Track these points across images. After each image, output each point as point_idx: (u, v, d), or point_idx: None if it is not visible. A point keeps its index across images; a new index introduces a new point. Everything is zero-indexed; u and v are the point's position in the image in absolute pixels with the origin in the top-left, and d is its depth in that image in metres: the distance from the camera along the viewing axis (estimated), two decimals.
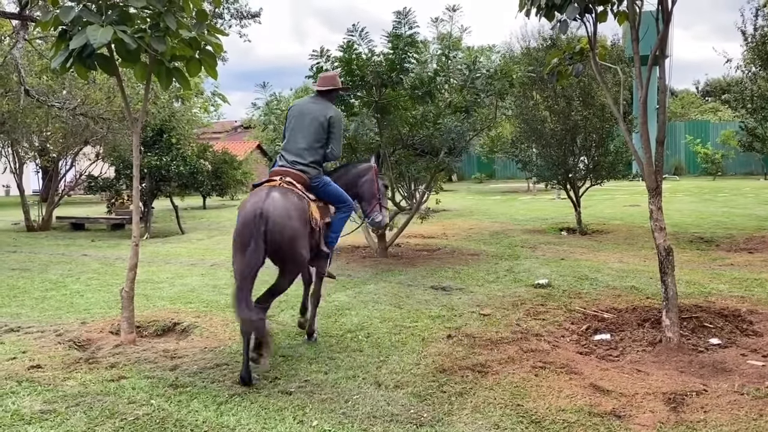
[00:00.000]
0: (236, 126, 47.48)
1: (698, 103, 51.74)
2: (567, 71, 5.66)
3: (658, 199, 4.76)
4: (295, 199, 4.53)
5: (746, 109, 10.36)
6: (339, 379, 4.24)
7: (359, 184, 5.42)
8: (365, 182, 5.43)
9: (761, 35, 9.70)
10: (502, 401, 3.76)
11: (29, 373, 4.42)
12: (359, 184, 5.42)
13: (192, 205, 23.17)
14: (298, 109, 5.10)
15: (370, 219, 5.50)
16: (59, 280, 8.22)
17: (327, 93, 5.21)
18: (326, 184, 5.05)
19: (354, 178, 5.44)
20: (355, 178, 5.44)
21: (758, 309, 5.66)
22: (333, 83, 5.21)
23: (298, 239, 4.42)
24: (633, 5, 4.71)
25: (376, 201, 5.47)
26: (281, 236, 4.28)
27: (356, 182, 5.42)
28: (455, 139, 9.44)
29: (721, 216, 13.82)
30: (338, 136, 5.07)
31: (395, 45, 8.10)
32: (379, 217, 5.50)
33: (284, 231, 4.30)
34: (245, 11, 20.34)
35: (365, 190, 5.43)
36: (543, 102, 11.82)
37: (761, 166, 29.10)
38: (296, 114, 5.07)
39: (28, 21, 11.76)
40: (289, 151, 4.95)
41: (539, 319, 5.63)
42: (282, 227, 4.29)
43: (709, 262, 8.31)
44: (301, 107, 5.10)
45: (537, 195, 23.57)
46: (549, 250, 9.75)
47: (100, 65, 4.66)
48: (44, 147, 17.27)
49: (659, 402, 3.65)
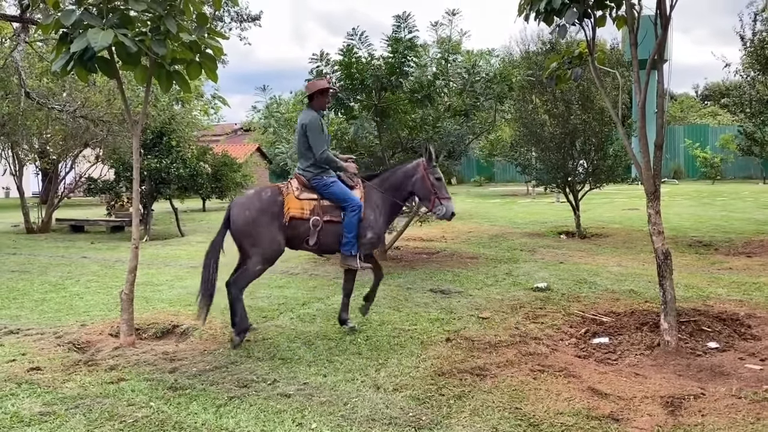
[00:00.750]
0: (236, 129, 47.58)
1: (697, 107, 51.82)
2: (566, 75, 5.68)
3: (657, 203, 4.77)
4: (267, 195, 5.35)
5: (745, 114, 10.39)
6: (338, 381, 4.25)
7: (410, 183, 5.63)
8: (416, 181, 5.61)
9: (760, 40, 9.73)
10: (501, 404, 3.77)
11: (29, 375, 4.43)
12: (410, 183, 5.63)
13: (192, 208, 23.20)
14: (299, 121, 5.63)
15: (435, 214, 5.68)
16: (59, 283, 8.22)
17: (310, 100, 5.61)
18: (328, 185, 5.40)
19: (402, 179, 5.65)
20: (403, 179, 5.65)
21: (756, 313, 5.67)
22: (309, 89, 5.60)
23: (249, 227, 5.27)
24: (631, 10, 4.73)
25: (434, 196, 5.59)
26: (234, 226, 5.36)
27: (406, 183, 5.64)
28: (454, 143, 9.47)
29: (719, 220, 13.84)
30: (315, 139, 5.39)
31: (395, 49, 8.12)
32: (443, 210, 5.59)
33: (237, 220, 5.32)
34: (245, 14, 20.37)
35: (418, 188, 5.62)
36: (542, 106, 11.84)
37: (760, 170, 29.15)
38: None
39: (29, 24, 11.80)
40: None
41: (538, 323, 5.64)
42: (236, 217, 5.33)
43: (707, 266, 8.33)
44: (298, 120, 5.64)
45: (536, 198, 23.59)
46: (548, 254, 9.77)
47: (101, 68, 4.68)
48: (44, 149, 17.29)
49: (657, 405, 3.65)
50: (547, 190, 13.20)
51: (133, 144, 5.28)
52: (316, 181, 5.42)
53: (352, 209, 5.38)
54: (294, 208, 5.32)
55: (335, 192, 5.41)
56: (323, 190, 5.42)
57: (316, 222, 5.34)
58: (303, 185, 5.45)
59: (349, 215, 5.37)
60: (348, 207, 5.38)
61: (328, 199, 5.41)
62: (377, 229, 5.61)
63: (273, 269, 6.14)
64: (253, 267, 5.30)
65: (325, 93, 5.61)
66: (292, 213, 5.31)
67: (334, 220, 5.39)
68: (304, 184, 5.45)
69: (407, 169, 5.70)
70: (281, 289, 7.43)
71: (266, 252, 5.29)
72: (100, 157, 16.43)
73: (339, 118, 9.34)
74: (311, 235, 5.36)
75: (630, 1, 4.70)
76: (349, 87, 8.29)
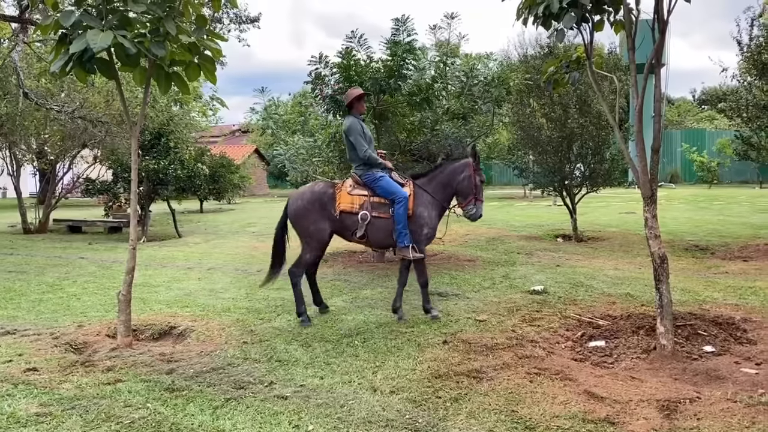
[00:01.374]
0: (234, 130, 47.55)
1: (694, 112, 51.96)
2: (564, 79, 5.69)
3: (653, 206, 4.79)
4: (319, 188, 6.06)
5: (742, 118, 10.41)
6: (335, 383, 4.25)
7: (458, 180, 6.10)
8: (464, 179, 6.09)
9: (756, 45, 9.76)
10: (497, 407, 3.77)
11: (25, 375, 4.43)
12: (458, 180, 6.10)
13: (189, 209, 23.18)
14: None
15: (465, 212, 6.17)
16: (56, 283, 8.22)
17: (350, 108, 6.25)
18: (377, 179, 5.99)
19: (452, 175, 6.12)
20: (452, 175, 6.12)
21: (752, 317, 5.69)
22: (347, 98, 6.24)
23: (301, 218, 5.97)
24: (629, 14, 4.75)
25: (473, 196, 6.10)
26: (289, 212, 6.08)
27: (454, 179, 6.11)
28: (452, 146, 9.48)
29: (716, 224, 13.87)
30: (356, 141, 6.00)
31: (393, 51, 8.14)
32: (473, 210, 6.13)
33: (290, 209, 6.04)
34: (244, 16, 20.37)
35: (464, 186, 6.10)
36: (540, 109, 11.86)
37: (756, 174, 29.21)
38: None
39: (28, 24, 11.79)
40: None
41: (534, 326, 5.65)
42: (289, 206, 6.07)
43: (703, 270, 8.35)
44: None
45: (533, 202, 23.62)
46: (545, 257, 9.78)
47: (100, 69, 4.67)
48: (42, 150, 17.26)
49: (653, 409, 3.67)
50: (544, 194, 13.21)
51: (132, 145, 5.29)
52: (366, 177, 6.01)
53: (398, 201, 5.87)
54: (344, 202, 5.93)
55: (383, 185, 5.95)
56: (373, 183, 5.98)
57: (365, 216, 5.90)
58: (356, 182, 6.08)
59: (396, 207, 5.87)
60: (395, 199, 5.88)
61: (378, 193, 5.95)
62: (432, 224, 6.09)
63: None
64: (304, 255, 6.02)
65: (361, 99, 6.24)
66: (343, 207, 5.92)
67: (383, 216, 5.92)
68: (357, 182, 6.08)
69: (456, 167, 6.15)
70: (279, 291, 7.43)
71: (313, 240, 5.96)
72: (98, 158, 16.42)
73: (338, 120, 9.35)
74: (359, 228, 5.91)
75: (628, 5, 4.72)
76: (347, 89, 8.30)
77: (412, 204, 5.97)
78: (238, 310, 6.49)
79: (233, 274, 8.88)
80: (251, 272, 8.94)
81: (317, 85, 8.47)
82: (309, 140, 10.22)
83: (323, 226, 5.95)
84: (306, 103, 12.46)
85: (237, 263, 9.95)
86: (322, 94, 8.54)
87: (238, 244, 12.83)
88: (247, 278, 8.46)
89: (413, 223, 5.95)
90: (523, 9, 4.77)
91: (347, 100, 6.21)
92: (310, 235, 5.98)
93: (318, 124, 10.90)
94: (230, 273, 8.97)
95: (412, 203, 5.97)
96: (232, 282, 8.19)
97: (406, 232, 5.86)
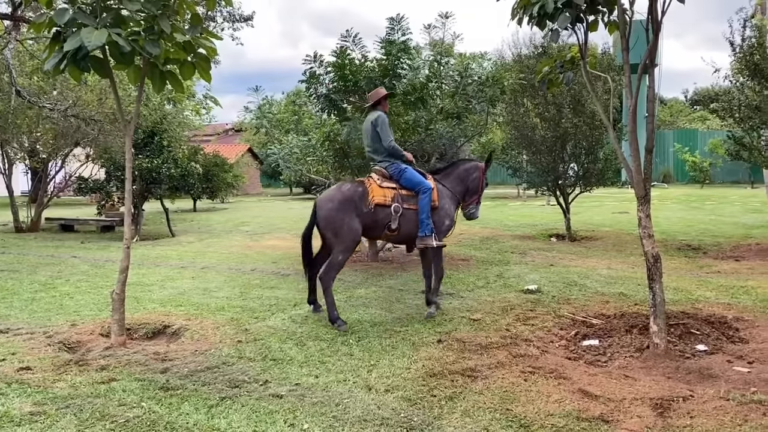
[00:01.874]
0: (228, 129, 47.42)
1: (687, 112, 52.22)
2: (558, 79, 5.71)
3: (647, 206, 4.81)
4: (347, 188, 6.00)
5: (734, 119, 10.44)
6: (330, 382, 4.26)
7: (469, 179, 6.49)
8: (474, 179, 6.50)
9: (749, 46, 9.80)
10: (492, 405, 3.79)
11: (19, 374, 4.41)
12: (469, 179, 6.49)
13: (182, 208, 23.10)
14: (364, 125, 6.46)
15: (465, 210, 6.57)
16: (48, 282, 8.18)
17: (375, 106, 6.42)
18: (403, 170, 6.18)
19: (466, 173, 6.51)
20: (467, 173, 6.51)
21: (744, 316, 5.73)
22: (373, 97, 6.45)
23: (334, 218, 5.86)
24: (623, 15, 4.77)
25: (477, 198, 6.55)
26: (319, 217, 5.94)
27: (467, 177, 6.50)
28: (446, 145, 9.50)
29: (708, 224, 13.96)
30: (384, 131, 6.18)
31: (388, 51, 8.15)
32: (474, 210, 6.59)
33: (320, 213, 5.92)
34: (238, 14, 20.32)
35: (474, 186, 6.50)
36: (534, 109, 11.89)
37: (748, 174, 29.37)
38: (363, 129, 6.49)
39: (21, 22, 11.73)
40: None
41: (528, 325, 5.67)
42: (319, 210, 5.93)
43: (696, 270, 8.40)
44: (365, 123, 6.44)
45: (527, 201, 23.69)
46: (538, 256, 9.81)
47: (94, 67, 4.65)
48: (34, 148, 17.15)
49: (646, 407, 3.69)
50: (538, 193, 13.26)
51: (126, 143, 5.26)
52: (392, 168, 6.17)
53: (424, 191, 6.07)
54: (378, 195, 5.96)
55: (408, 176, 6.13)
56: (399, 175, 6.14)
57: (397, 208, 5.99)
58: (383, 176, 6.17)
59: (421, 197, 6.06)
60: (421, 190, 6.07)
61: (403, 185, 6.11)
62: (452, 216, 6.36)
63: (264, 270, 6.15)
64: (336, 257, 5.92)
65: (386, 98, 6.51)
66: (377, 200, 5.94)
67: (412, 207, 6.07)
68: (383, 175, 6.17)
69: (469, 167, 6.56)
70: (273, 290, 7.42)
71: (348, 241, 5.90)
72: (91, 157, 16.34)
73: (332, 119, 9.35)
74: (392, 220, 5.99)
75: (622, 6, 4.74)
76: (342, 89, 8.31)
77: (436, 196, 6.18)
78: (232, 309, 6.48)
79: (227, 273, 8.87)
80: (245, 271, 8.93)
81: (312, 84, 8.46)
82: (303, 139, 10.22)
83: (356, 225, 5.90)
84: (300, 102, 12.46)
85: (231, 262, 9.93)
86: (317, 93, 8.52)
87: (231, 243, 12.81)
88: (240, 277, 8.45)
89: (437, 215, 6.15)
90: (518, 9, 4.78)
91: (375, 99, 6.40)
92: (344, 237, 5.88)
93: (312, 123, 10.89)
94: (224, 272, 8.95)
95: (436, 196, 6.18)
96: (226, 281, 8.18)
97: (428, 222, 6.04)
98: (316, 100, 8.75)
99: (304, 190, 34.08)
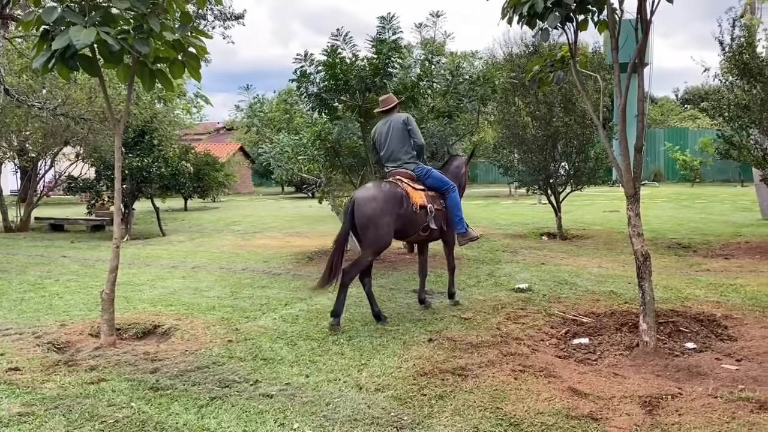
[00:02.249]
0: (219, 128, 47.23)
1: (677, 111, 52.45)
2: (548, 78, 5.72)
3: (636, 205, 4.83)
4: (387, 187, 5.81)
5: (723, 118, 10.49)
6: (320, 382, 4.25)
7: (461, 175, 6.78)
8: (463, 175, 6.79)
9: (738, 45, 9.85)
10: (482, 404, 3.79)
11: (7, 375, 4.38)
12: (461, 175, 6.78)
13: (173, 207, 23.01)
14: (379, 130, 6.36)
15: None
16: (38, 282, 8.13)
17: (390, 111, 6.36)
18: (428, 171, 6.23)
19: (456, 170, 6.78)
20: (457, 170, 6.79)
21: (733, 314, 5.76)
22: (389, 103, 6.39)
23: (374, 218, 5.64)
24: (613, 14, 4.79)
25: (462, 189, 6.79)
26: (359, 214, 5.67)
27: (458, 173, 6.77)
28: (438, 144, 9.50)
29: (698, 222, 14.03)
30: (415, 130, 6.20)
31: (379, 50, 8.14)
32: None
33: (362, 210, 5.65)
34: (229, 13, 20.26)
35: (462, 182, 6.75)
36: (525, 108, 11.91)
37: (738, 173, 29.55)
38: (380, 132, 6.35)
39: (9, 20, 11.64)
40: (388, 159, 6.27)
41: (519, 323, 5.69)
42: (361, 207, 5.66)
43: (686, 268, 8.44)
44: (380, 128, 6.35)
45: (518, 200, 23.74)
46: (530, 255, 9.84)
47: (83, 66, 4.62)
48: (23, 147, 17.04)
49: (635, 405, 3.70)
50: (529, 192, 13.29)
51: (115, 142, 5.24)
52: (419, 170, 6.15)
53: (453, 190, 6.21)
54: (416, 198, 5.93)
55: (435, 177, 6.19)
56: (426, 176, 6.15)
57: (431, 209, 6.02)
58: (410, 178, 6.06)
59: (451, 195, 6.19)
60: (449, 189, 6.19)
61: (429, 186, 6.14)
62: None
63: (255, 269, 6.15)
64: (365, 256, 5.77)
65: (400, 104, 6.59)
66: (419, 202, 5.92)
67: (440, 208, 6.15)
68: (411, 177, 6.07)
69: (459, 162, 6.88)
70: (264, 290, 7.41)
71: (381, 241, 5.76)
72: (81, 156, 16.25)
73: (323, 118, 9.33)
74: (429, 220, 5.99)
75: (611, 5, 4.76)
76: (333, 87, 8.30)
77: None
78: (222, 309, 6.47)
79: (218, 272, 8.84)
80: (236, 270, 8.91)
81: (302, 83, 8.44)
82: (294, 138, 10.19)
83: (393, 227, 5.74)
84: (291, 101, 12.43)
85: (222, 262, 9.90)
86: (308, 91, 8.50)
87: (222, 242, 12.77)
88: (231, 277, 8.43)
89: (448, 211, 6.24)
90: (508, 8, 4.78)
91: (389, 104, 6.37)
92: (382, 237, 5.68)
93: (303, 122, 10.87)
94: (215, 271, 8.93)
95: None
96: (217, 280, 8.15)
97: (462, 217, 6.18)
98: (307, 98, 8.73)
99: (296, 189, 34.01)
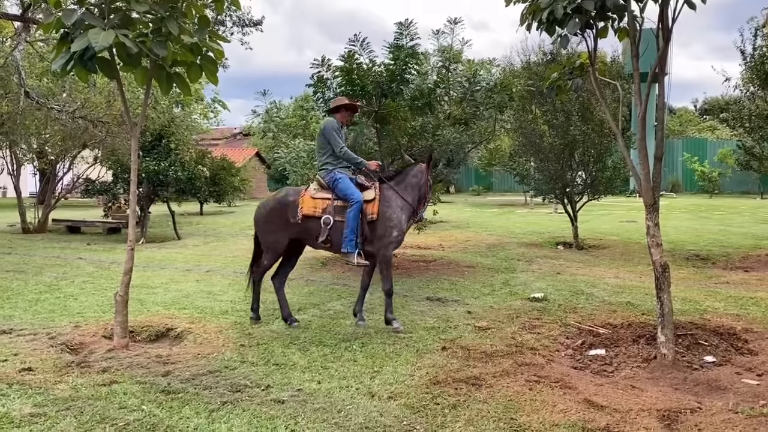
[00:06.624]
0: (235, 133, 47.57)
1: (696, 121, 52.01)
2: (566, 86, 5.67)
3: (656, 215, 4.76)
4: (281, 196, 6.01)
5: (744, 128, 10.38)
6: (332, 388, 4.21)
7: (420, 185, 6.08)
8: (423, 185, 6.10)
9: (760, 55, 9.75)
10: (496, 414, 3.74)
11: (20, 375, 4.39)
12: (420, 185, 6.08)
13: (189, 211, 23.14)
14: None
15: (418, 215, 6.24)
16: (53, 283, 8.18)
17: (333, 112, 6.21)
18: (337, 179, 5.84)
19: (415, 181, 6.07)
20: (415, 181, 6.07)
21: (753, 327, 5.65)
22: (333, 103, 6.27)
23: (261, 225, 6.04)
24: (633, 22, 4.73)
25: (426, 200, 6.23)
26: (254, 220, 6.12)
27: (417, 184, 6.07)
28: (453, 151, 9.46)
29: (717, 234, 13.85)
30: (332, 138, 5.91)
31: (396, 56, 8.12)
32: (422, 213, 6.38)
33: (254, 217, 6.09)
34: (247, 19, 20.38)
35: (423, 192, 6.11)
36: (542, 116, 11.85)
37: (758, 185, 29.19)
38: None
39: (30, 23, 11.79)
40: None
41: (534, 333, 5.62)
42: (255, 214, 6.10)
43: (705, 280, 8.31)
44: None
45: (534, 209, 23.60)
46: (545, 264, 9.75)
47: (101, 69, 4.65)
48: (42, 149, 17.26)
49: (653, 419, 3.63)
50: (546, 201, 13.20)
51: (132, 145, 5.26)
52: (328, 177, 5.88)
53: (352, 204, 5.69)
54: (307, 207, 5.81)
55: (341, 187, 5.79)
56: (334, 185, 5.82)
57: (327, 220, 5.73)
58: (320, 185, 5.96)
59: (348, 210, 5.69)
60: (350, 203, 5.71)
61: (336, 195, 5.80)
62: (401, 227, 5.92)
63: (269, 273, 6.16)
64: (262, 260, 6.08)
65: (348, 109, 6.20)
66: (305, 211, 5.79)
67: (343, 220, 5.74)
68: (321, 185, 5.95)
69: (416, 172, 6.12)
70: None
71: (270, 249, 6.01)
72: (98, 159, 16.40)
73: None
74: (321, 232, 5.74)
75: (632, 13, 4.70)
76: (349, 93, 8.29)
77: (377, 206, 5.80)
78: (236, 313, 6.46)
79: (232, 276, 8.85)
80: None
81: (319, 89, 8.45)
82: (310, 144, 10.20)
83: (280, 237, 5.93)
84: (307, 106, 12.46)
85: (236, 266, 9.91)
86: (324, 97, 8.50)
87: (237, 246, 12.80)
88: (245, 281, 8.40)
89: (381, 226, 5.77)
90: (527, 14, 4.74)
91: (333, 104, 6.22)
92: (269, 244, 6.04)
93: (319, 127, 10.87)
94: (229, 275, 8.93)
95: (377, 206, 5.80)
96: (231, 284, 8.16)
97: (353, 237, 5.68)
98: (324, 104, 8.73)
99: None
